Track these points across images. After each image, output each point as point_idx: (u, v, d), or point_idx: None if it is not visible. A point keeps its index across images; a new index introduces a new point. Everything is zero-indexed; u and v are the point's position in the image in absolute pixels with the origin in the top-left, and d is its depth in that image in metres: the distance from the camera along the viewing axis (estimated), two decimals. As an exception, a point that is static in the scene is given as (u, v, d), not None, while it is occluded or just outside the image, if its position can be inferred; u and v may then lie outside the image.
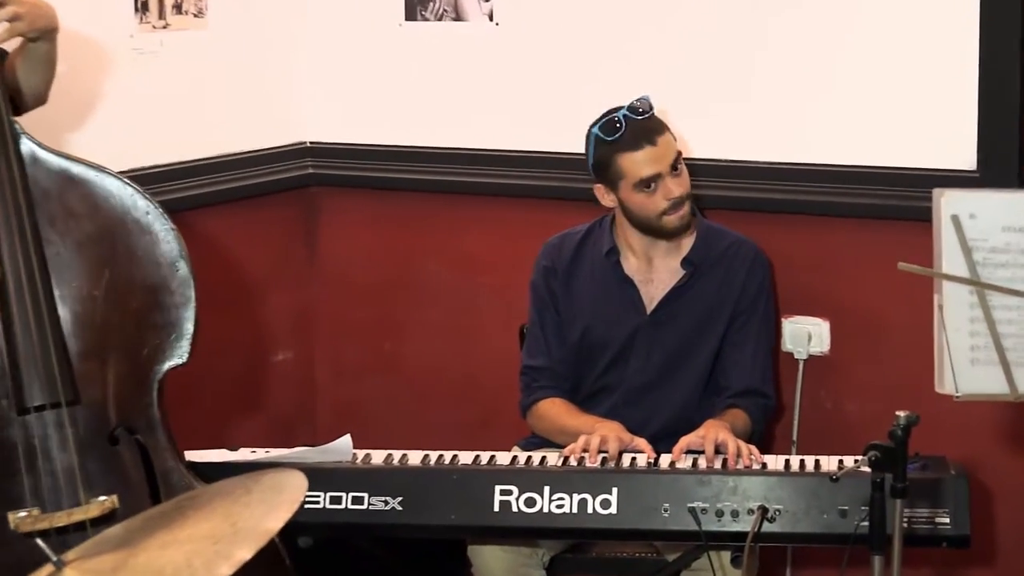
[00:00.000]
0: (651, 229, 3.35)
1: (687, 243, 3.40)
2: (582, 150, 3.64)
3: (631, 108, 3.30)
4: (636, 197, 3.30)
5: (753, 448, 3.10)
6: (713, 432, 3.12)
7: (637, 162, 3.29)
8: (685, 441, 3.13)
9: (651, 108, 3.32)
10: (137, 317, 2.76)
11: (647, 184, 3.29)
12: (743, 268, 3.40)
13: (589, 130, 3.37)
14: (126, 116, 3.73)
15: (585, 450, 3.11)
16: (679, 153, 3.32)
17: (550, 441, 3.37)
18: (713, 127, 3.74)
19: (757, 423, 3.35)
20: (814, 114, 3.67)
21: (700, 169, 3.68)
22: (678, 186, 3.29)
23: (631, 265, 3.41)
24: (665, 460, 3.10)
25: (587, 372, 3.43)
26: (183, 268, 2.77)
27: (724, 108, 3.74)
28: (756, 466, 3.05)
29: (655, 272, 3.40)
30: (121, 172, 2.90)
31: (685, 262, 3.38)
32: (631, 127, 3.29)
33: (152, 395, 2.78)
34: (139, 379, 2.77)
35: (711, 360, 3.38)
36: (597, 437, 3.12)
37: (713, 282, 3.39)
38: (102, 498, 2.67)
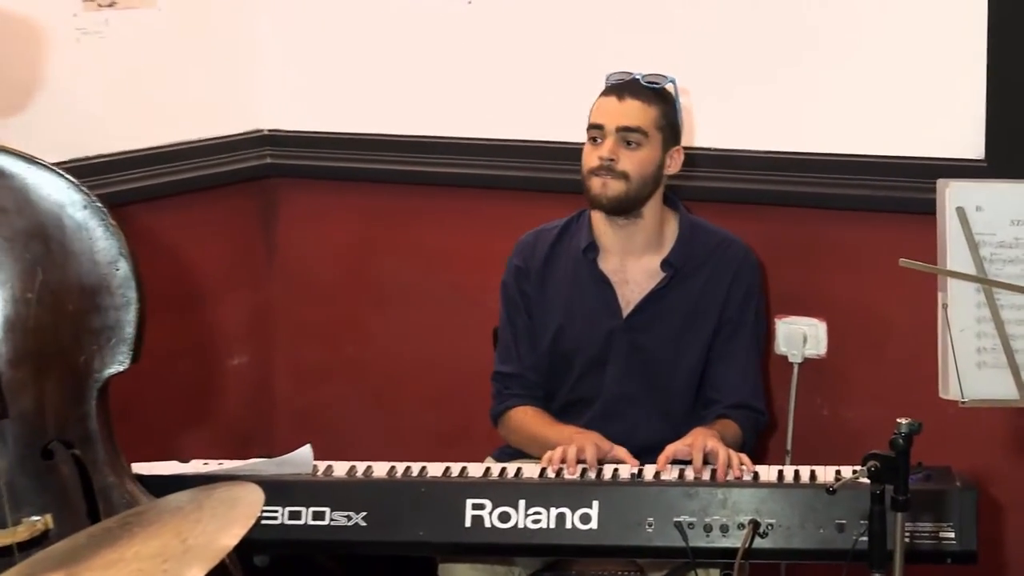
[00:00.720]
0: (585, 189, 3.33)
1: (668, 243, 3.38)
2: (560, 138, 3.63)
3: (646, 75, 3.33)
4: (586, 146, 3.33)
5: (744, 457, 3.09)
6: (701, 440, 3.11)
7: (598, 106, 3.33)
8: (671, 449, 3.12)
9: (659, 84, 3.32)
10: (73, 321, 2.74)
11: (592, 130, 3.30)
12: (729, 272, 3.38)
13: None
14: (68, 102, 3.70)
15: (563, 460, 3.10)
16: (643, 131, 3.27)
17: (525, 452, 3.36)
18: (703, 115, 3.73)
19: (748, 436, 3.34)
20: (810, 101, 3.66)
21: (689, 159, 3.67)
22: (614, 152, 3.26)
23: (608, 265, 3.39)
24: (649, 471, 3.09)
25: (562, 380, 3.42)
26: (124, 267, 2.75)
27: (714, 96, 3.73)
28: (747, 477, 3.04)
29: (631, 273, 3.38)
30: (63, 162, 2.88)
31: (665, 264, 3.36)
32: (627, 82, 3.32)
33: (90, 405, 2.75)
34: (76, 388, 2.75)
35: (697, 370, 3.36)
36: (574, 447, 3.11)
37: (696, 286, 3.36)
38: (34, 518, 2.64)
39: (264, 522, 2.91)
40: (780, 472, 3.05)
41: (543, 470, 3.10)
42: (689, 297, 3.36)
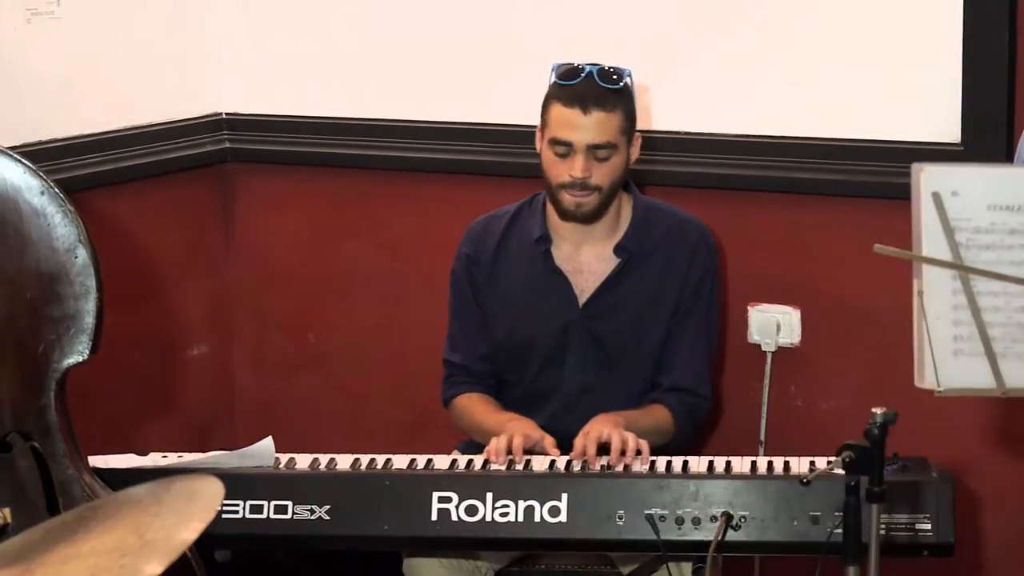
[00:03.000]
0: (552, 199, 3.33)
1: (622, 227, 3.38)
2: (519, 121, 3.63)
3: (601, 71, 3.27)
4: (548, 154, 3.30)
5: (642, 443, 3.09)
6: (596, 429, 3.12)
7: (560, 118, 3.27)
8: (578, 442, 3.12)
9: (617, 82, 3.27)
10: (31, 310, 2.74)
11: (559, 146, 3.27)
12: (686, 253, 3.37)
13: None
14: (19, 85, 3.69)
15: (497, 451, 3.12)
16: (613, 144, 3.25)
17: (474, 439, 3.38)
18: (671, 96, 3.74)
19: (682, 422, 3.35)
20: (784, 83, 3.68)
21: (657, 142, 3.69)
22: (587, 171, 3.24)
23: (561, 253, 3.39)
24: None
25: (520, 373, 3.42)
26: (83, 255, 2.75)
27: (683, 75, 3.74)
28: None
29: (585, 261, 3.38)
30: (14, 147, 2.86)
31: (618, 249, 3.37)
32: (584, 84, 3.27)
33: (49, 397, 2.76)
34: (34, 379, 2.75)
35: (656, 356, 3.37)
36: (504, 438, 3.13)
37: (652, 270, 3.36)
38: (-9, 512, 2.65)
39: (225, 516, 2.91)
40: (753, 463, 3.07)
41: (510, 462, 3.11)
42: (646, 281, 3.37)
